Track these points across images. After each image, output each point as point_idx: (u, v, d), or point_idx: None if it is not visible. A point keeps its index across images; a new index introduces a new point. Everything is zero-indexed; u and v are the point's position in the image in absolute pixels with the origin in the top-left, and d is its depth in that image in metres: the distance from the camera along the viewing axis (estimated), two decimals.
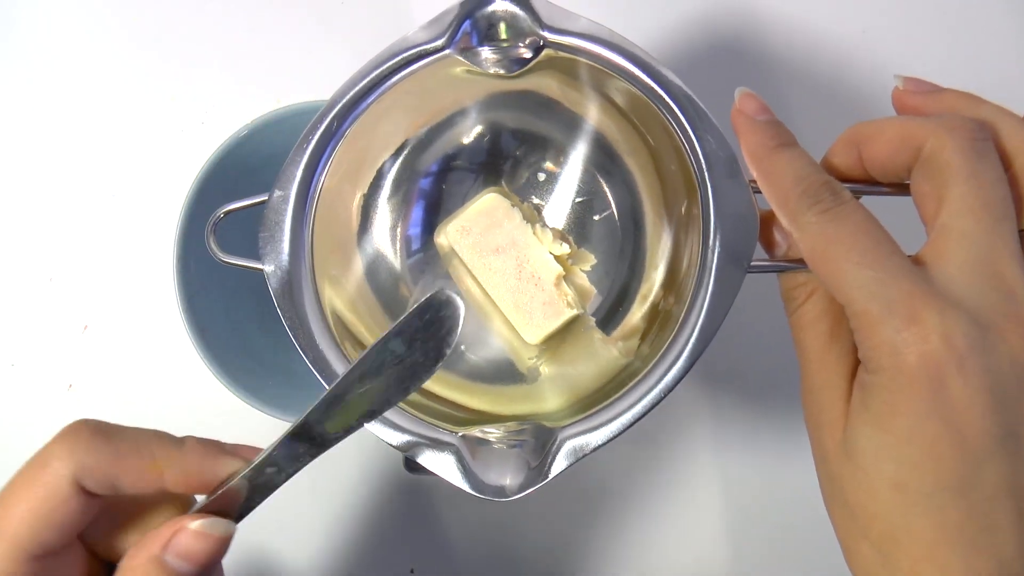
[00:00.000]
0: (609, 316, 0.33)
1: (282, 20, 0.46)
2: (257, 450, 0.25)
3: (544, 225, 0.33)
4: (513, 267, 0.32)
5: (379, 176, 0.32)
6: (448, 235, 0.32)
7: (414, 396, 0.29)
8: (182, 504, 0.25)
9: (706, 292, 0.26)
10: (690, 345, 0.26)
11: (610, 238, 0.33)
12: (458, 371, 0.32)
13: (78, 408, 0.44)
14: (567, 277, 0.32)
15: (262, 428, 0.43)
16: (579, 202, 0.33)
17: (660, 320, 0.30)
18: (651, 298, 0.31)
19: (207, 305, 0.37)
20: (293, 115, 0.36)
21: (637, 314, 0.32)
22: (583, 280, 0.33)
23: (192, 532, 0.22)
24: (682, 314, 0.27)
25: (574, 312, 0.32)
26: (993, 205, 0.22)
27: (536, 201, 0.33)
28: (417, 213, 0.33)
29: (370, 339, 0.30)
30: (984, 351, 0.21)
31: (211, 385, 0.37)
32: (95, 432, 0.23)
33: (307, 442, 0.24)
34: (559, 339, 0.32)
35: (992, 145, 0.23)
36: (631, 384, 0.27)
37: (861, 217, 0.22)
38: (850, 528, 0.23)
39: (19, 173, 0.45)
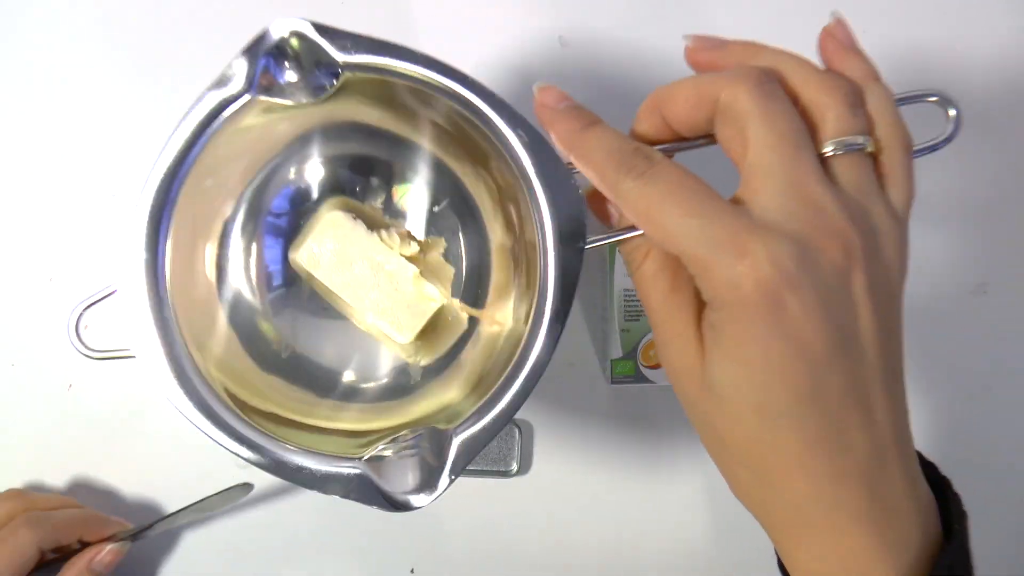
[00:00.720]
0: (475, 291, 0.35)
1: None
2: (123, 523, 0.41)
3: (389, 229, 0.34)
4: (369, 276, 0.33)
5: (225, 229, 0.32)
6: (301, 260, 0.33)
7: (308, 437, 0.30)
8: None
9: (552, 276, 0.28)
10: (545, 328, 0.28)
11: (450, 224, 0.35)
12: (357, 402, 0.34)
13: (78, 408, 0.44)
14: (424, 270, 0.34)
15: None
16: (415, 198, 0.35)
17: (523, 273, 0.31)
18: (505, 248, 0.33)
19: None
20: None
21: (500, 273, 0.33)
22: (439, 261, 0.34)
23: (108, 550, 0.39)
24: (535, 298, 0.28)
25: (438, 304, 0.33)
26: (788, 136, 0.23)
27: (376, 205, 0.35)
28: (271, 251, 0.34)
29: (255, 400, 0.30)
30: (810, 266, 0.22)
31: None
32: (44, 526, 0.38)
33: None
34: (432, 332, 0.34)
35: (778, 86, 0.24)
36: (517, 355, 0.28)
37: (674, 173, 0.24)
38: (725, 458, 0.26)
39: (19, 173, 0.45)
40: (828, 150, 0.24)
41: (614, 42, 0.46)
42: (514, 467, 0.44)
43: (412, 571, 0.44)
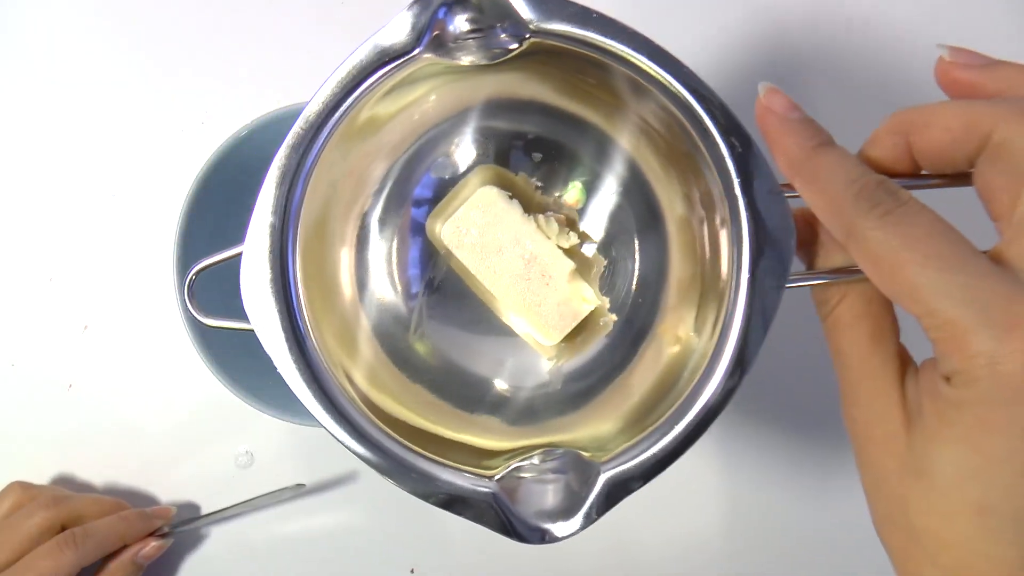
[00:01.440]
0: (648, 303, 0.30)
1: (282, 20, 0.46)
2: (167, 511, 0.43)
3: (548, 214, 0.30)
4: (520, 267, 0.29)
5: (365, 215, 0.29)
6: (444, 237, 0.30)
7: (432, 447, 0.26)
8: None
9: (740, 314, 0.24)
10: (721, 375, 0.24)
11: (624, 222, 0.30)
12: (490, 414, 0.30)
13: (78, 408, 0.44)
14: (578, 266, 0.30)
15: (262, 428, 0.43)
16: (582, 182, 0.31)
17: (707, 306, 0.27)
18: (687, 261, 0.29)
19: (207, 305, 0.37)
20: (293, 115, 0.36)
21: (679, 285, 0.29)
22: (586, 253, 0.31)
23: (152, 545, 0.41)
24: (716, 337, 0.25)
25: (592, 306, 0.30)
26: None
27: (533, 181, 0.31)
28: (415, 251, 0.31)
29: (384, 399, 0.27)
30: None
31: (211, 385, 0.37)
32: (87, 545, 0.38)
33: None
34: (578, 333, 0.30)
35: None
36: (679, 401, 0.24)
37: (930, 217, 0.20)
38: (913, 554, 0.22)
39: (19, 173, 0.45)
40: None
41: None
42: None
43: (412, 571, 0.44)
